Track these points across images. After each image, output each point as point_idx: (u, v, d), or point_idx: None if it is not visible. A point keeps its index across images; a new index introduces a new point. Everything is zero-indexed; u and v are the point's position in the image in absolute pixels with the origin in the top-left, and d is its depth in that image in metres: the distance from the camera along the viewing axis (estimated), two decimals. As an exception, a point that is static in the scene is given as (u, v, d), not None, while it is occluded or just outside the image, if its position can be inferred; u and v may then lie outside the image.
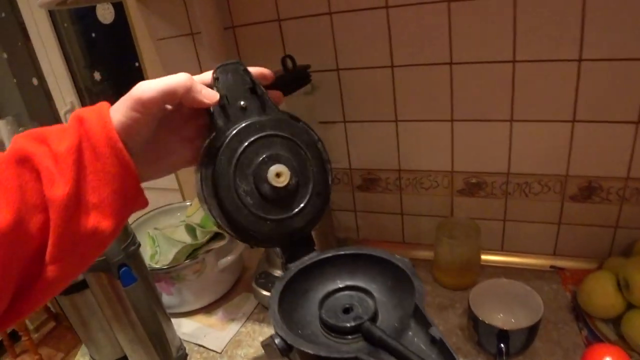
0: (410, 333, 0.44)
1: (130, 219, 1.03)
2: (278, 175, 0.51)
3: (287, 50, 0.91)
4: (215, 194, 0.50)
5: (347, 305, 0.49)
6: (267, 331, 0.90)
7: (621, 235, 0.84)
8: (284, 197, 0.52)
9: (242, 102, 0.52)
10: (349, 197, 1.05)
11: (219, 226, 0.51)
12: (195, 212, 1.03)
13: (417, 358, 0.40)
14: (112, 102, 0.45)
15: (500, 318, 0.79)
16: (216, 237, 0.96)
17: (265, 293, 0.92)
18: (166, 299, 0.92)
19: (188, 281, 0.91)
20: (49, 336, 2.22)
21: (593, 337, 0.74)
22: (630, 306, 0.71)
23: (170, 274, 0.89)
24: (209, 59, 0.93)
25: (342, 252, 0.53)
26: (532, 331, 0.71)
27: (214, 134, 0.51)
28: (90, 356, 0.87)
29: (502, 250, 0.96)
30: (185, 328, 0.92)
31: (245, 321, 0.92)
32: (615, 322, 0.74)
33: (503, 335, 0.70)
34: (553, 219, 0.87)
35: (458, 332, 0.82)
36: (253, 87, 0.53)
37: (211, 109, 0.51)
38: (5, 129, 1.94)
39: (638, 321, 0.69)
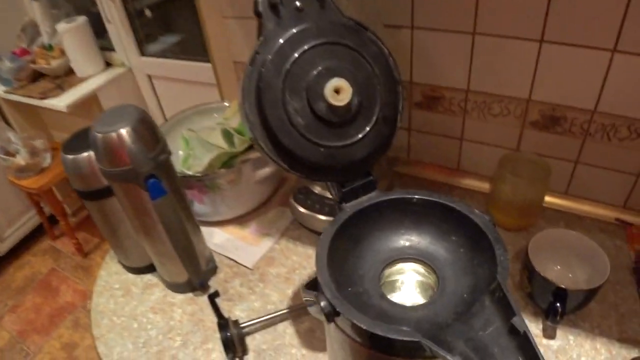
0: (485, 312, 0.37)
1: (164, 119, 0.97)
2: (337, 91, 0.41)
3: None
4: (259, 111, 0.41)
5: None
6: (302, 251, 0.86)
7: None
8: (344, 119, 0.42)
9: (297, 2, 0.41)
10: (404, 114, 0.93)
11: (261, 150, 0.43)
12: (234, 115, 0.95)
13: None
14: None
15: (557, 270, 0.72)
16: (254, 146, 0.89)
17: (302, 210, 0.86)
18: (197, 207, 0.88)
19: (222, 190, 0.86)
20: (86, 221, 2.29)
21: (658, 307, 0.67)
22: None
23: (203, 182, 0.84)
24: None
25: (409, 196, 0.45)
26: (592, 293, 0.64)
27: (262, 38, 0.41)
28: (119, 260, 0.86)
29: (566, 193, 0.85)
30: (216, 239, 0.89)
31: (280, 238, 0.88)
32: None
33: (561, 293, 0.63)
34: (633, 169, 0.76)
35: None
36: None
37: (260, 9, 0.40)
38: (40, 11, 1.84)
39: None
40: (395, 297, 0.42)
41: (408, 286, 0.44)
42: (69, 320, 1.82)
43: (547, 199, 0.85)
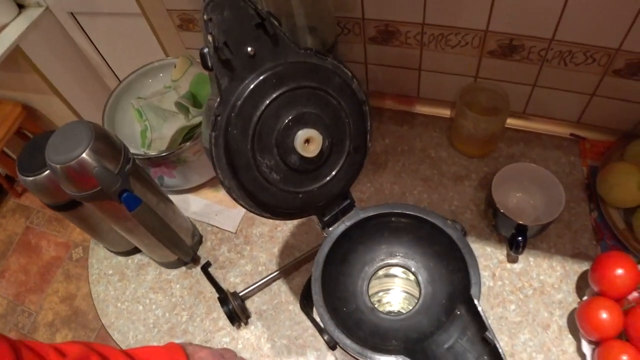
0: (461, 317, 0.43)
1: (103, 94, 0.90)
2: (307, 141, 0.41)
3: None
4: (234, 175, 0.41)
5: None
6: (278, 205, 0.89)
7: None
8: (317, 164, 0.43)
9: (249, 48, 0.38)
10: (359, 49, 0.90)
11: (243, 207, 0.43)
12: (183, 75, 0.90)
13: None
14: None
15: (518, 197, 0.79)
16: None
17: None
18: (169, 181, 0.88)
19: (190, 162, 0.85)
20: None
21: (602, 221, 0.75)
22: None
23: (169, 158, 0.83)
24: None
25: (387, 211, 0.47)
26: (549, 224, 0.71)
27: (218, 99, 0.39)
28: (104, 246, 0.87)
29: (524, 113, 0.88)
30: (194, 206, 0.90)
31: (254, 194, 0.90)
32: (627, 210, 0.74)
33: (522, 228, 0.70)
34: (587, 89, 0.78)
35: (472, 207, 0.82)
36: (261, 21, 0.38)
37: (210, 65, 0.38)
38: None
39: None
40: (384, 306, 0.47)
41: (394, 294, 0.48)
42: (59, 274, 1.87)
43: (507, 120, 0.88)
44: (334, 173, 0.43)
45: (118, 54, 1.69)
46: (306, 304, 0.45)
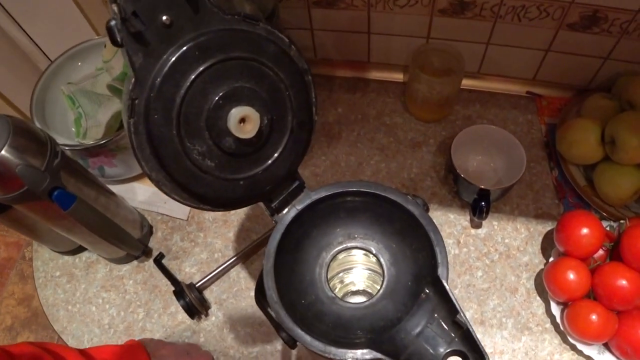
0: (430, 302, 0.40)
1: (34, 77, 0.81)
2: (243, 120, 0.36)
3: None
4: (161, 166, 0.36)
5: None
6: (232, 187, 0.84)
7: (608, 67, 0.76)
8: (256, 145, 0.38)
9: (163, 17, 0.33)
10: (303, 14, 0.85)
11: (178, 201, 0.38)
12: (114, 55, 0.82)
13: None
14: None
15: (479, 160, 0.77)
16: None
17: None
18: (110, 170, 0.81)
19: (130, 149, 0.78)
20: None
21: (563, 179, 0.74)
22: (606, 157, 0.69)
23: (107, 147, 0.76)
24: None
25: (341, 190, 0.43)
26: (511, 187, 0.70)
27: (133, 80, 0.33)
28: (49, 247, 0.80)
29: (478, 72, 0.86)
30: (140, 195, 0.84)
31: (206, 178, 0.85)
32: (587, 167, 0.73)
33: (484, 194, 0.68)
34: (542, 45, 0.76)
35: (432, 174, 0.80)
36: None
37: (119, 40, 0.32)
38: None
39: (610, 173, 0.68)
40: (347, 287, 0.44)
41: (356, 272, 0.45)
42: (13, 275, 1.76)
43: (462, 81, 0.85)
44: (277, 154, 0.39)
45: (46, 33, 1.54)
46: (262, 298, 0.41)
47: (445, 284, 0.38)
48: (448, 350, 0.37)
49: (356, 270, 0.51)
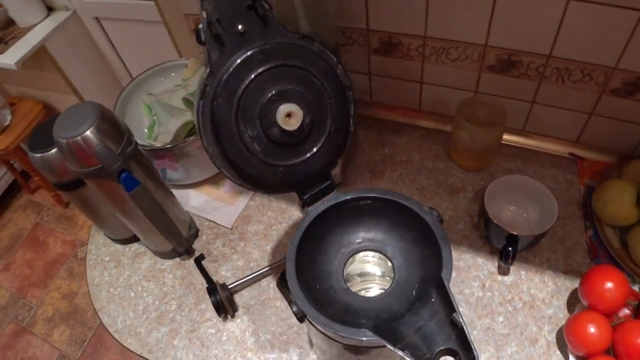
0: (432, 300, 0.43)
1: (116, 89, 0.94)
2: (289, 115, 0.43)
3: None
4: (217, 143, 0.43)
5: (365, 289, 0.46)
6: (276, 205, 0.90)
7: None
8: (297, 138, 0.45)
9: (239, 26, 0.41)
10: (363, 60, 0.93)
11: (226, 177, 0.45)
12: (193, 74, 0.94)
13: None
14: None
15: (512, 211, 0.79)
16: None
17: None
18: (171, 174, 0.90)
19: (192, 156, 0.88)
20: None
21: (597, 240, 0.75)
22: (642, 219, 0.69)
23: (173, 151, 0.85)
24: None
25: (365, 195, 0.48)
26: (541, 235, 0.71)
27: (208, 70, 0.41)
28: (104, 233, 0.89)
29: (523, 130, 0.89)
30: (193, 201, 0.92)
31: (253, 194, 0.92)
32: (622, 229, 0.73)
33: (512, 238, 0.70)
34: (586, 108, 0.79)
35: (466, 218, 0.82)
36: (252, 3, 0.41)
37: (203, 39, 0.40)
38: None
39: (648, 234, 0.68)
40: (357, 288, 0.48)
41: (369, 276, 0.49)
42: (63, 270, 1.90)
43: (505, 136, 0.89)
44: (314, 150, 0.45)
45: (136, 56, 1.75)
46: (283, 282, 0.46)
47: (446, 284, 0.41)
48: (442, 348, 0.40)
49: (369, 269, 0.54)
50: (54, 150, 0.69)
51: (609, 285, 0.61)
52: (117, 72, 1.87)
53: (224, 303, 0.74)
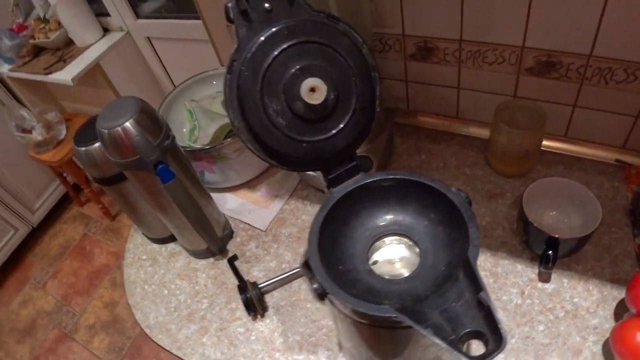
0: (458, 281, 0.41)
1: (158, 97, 0.99)
2: (313, 90, 0.43)
3: None
4: (243, 116, 0.44)
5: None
6: (310, 209, 0.90)
7: None
8: (322, 114, 0.45)
9: (266, 4, 0.42)
10: (399, 66, 0.94)
11: (250, 150, 0.46)
12: (232, 83, 0.97)
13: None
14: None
15: (553, 216, 0.75)
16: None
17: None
18: (208, 176, 0.93)
19: (229, 159, 0.90)
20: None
21: (650, 246, 0.70)
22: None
23: (210, 153, 0.88)
24: None
25: (391, 177, 0.48)
26: (583, 240, 0.67)
27: (236, 46, 0.43)
28: (142, 232, 0.92)
29: (565, 136, 0.86)
30: (229, 204, 0.94)
31: (289, 198, 0.93)
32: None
33: (553, 242, 0.67)
34: (632, 110, 0.75)
35: (505, 224, 0.79)
36: None
37: (231, 16, 0.42)
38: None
39: None
40: (382, 271, 0.47)
41: (394, 260, 0.48)
42: (106, 280, 1.97)
43: (546, 142, 0.86)
44: (340, 126, 0.45)
45: (182, 71, 1.85)
46: (308, 265, 0.46)
47: (472, 263, 0.39)
48: (468, 330, 0.38)
49: (394, 252, 0.52)
50: (97, 144, 0.72)
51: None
52: (163, 86, 1.97)
53: (253, 301, 0.74)
